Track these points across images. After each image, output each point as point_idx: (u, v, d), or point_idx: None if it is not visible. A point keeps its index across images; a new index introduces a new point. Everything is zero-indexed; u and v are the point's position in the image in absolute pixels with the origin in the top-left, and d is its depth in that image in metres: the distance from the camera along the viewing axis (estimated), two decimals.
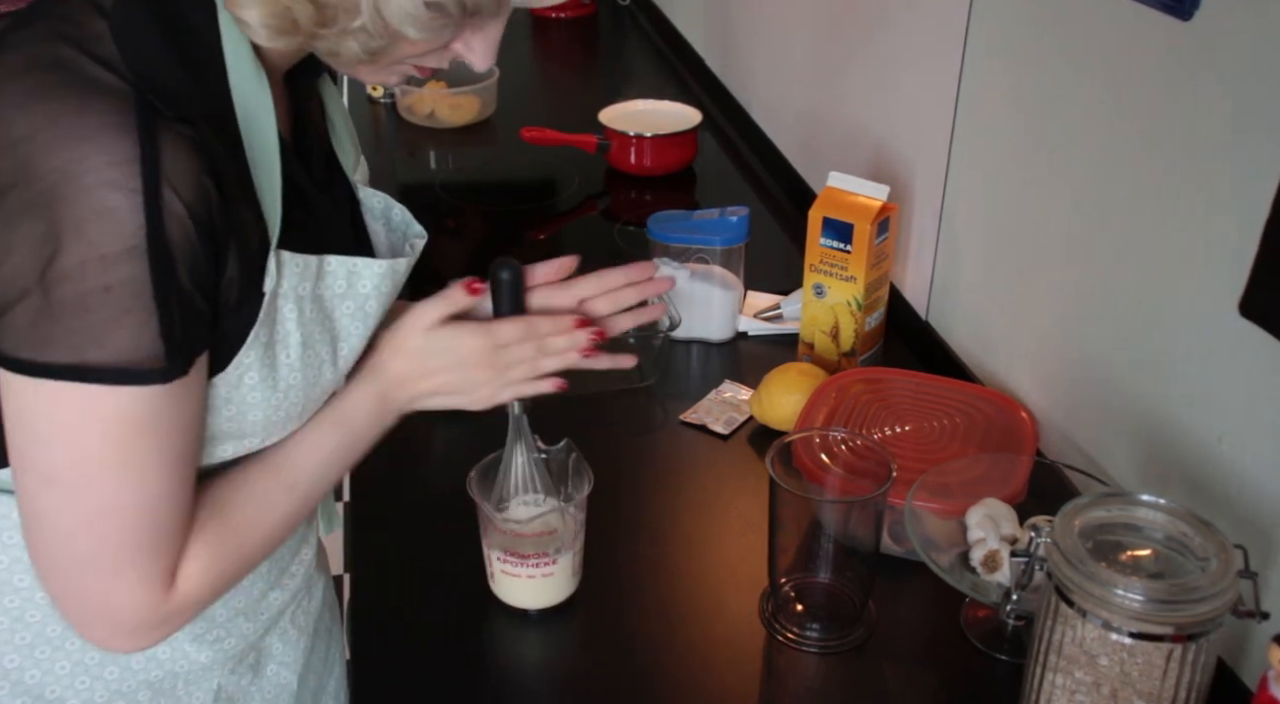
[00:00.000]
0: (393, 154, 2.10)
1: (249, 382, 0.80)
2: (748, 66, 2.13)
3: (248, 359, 0.78)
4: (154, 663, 0.91)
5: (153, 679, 0.91)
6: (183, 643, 0.91)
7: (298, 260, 0.79)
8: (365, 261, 0.85)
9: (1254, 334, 0.90)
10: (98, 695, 0.89)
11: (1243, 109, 0.89)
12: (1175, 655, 0.78)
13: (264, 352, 0.79)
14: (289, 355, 0.81)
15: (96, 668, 0.88)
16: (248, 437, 0.84)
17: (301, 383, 0.83)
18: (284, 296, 0.79)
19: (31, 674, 0.87)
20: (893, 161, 1.52)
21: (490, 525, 1.01)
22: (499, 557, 1.01)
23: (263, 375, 0.80)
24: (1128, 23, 1.01)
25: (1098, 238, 1.10)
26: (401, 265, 0.88)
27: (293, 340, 0.81)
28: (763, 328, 1.49)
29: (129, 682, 0.90)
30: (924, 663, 1.01)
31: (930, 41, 1.38)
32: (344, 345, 0.86)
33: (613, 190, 1.95)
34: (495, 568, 1.03)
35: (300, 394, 0.84)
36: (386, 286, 0.87)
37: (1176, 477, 1.02)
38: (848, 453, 1.06)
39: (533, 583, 1.02)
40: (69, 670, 0.88)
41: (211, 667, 0.94)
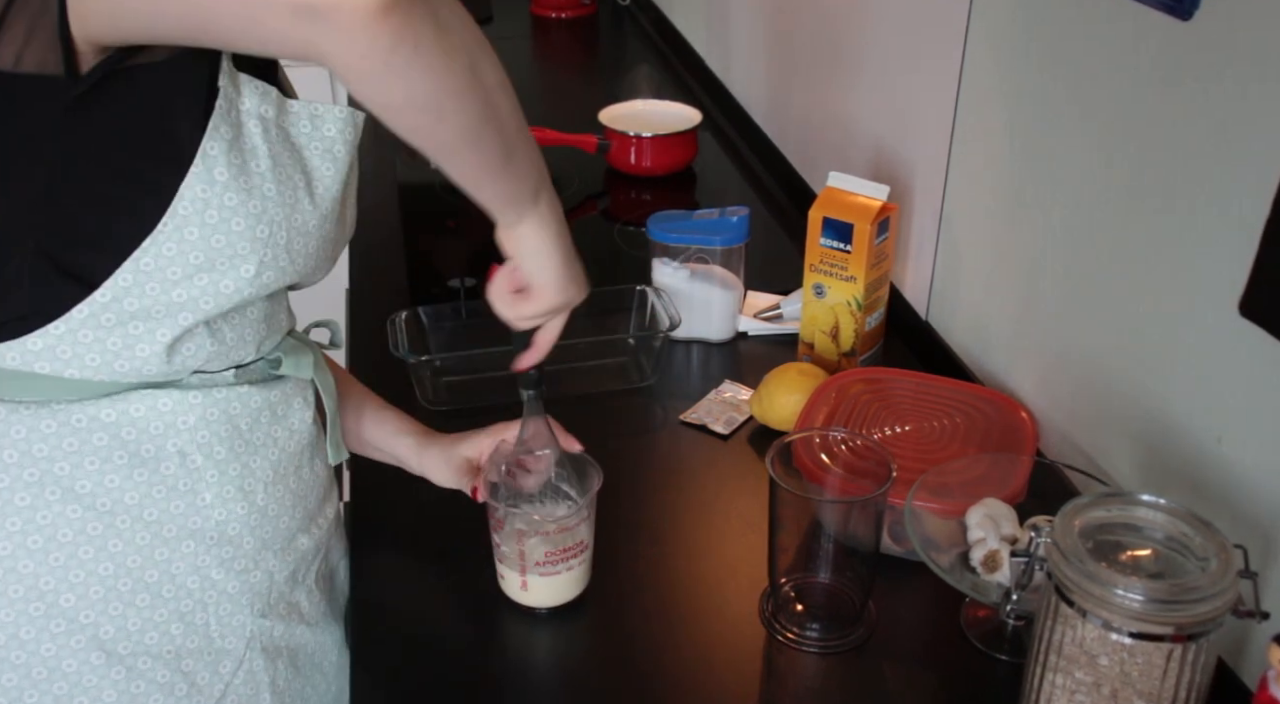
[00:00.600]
0: (393, 154, 2.10)
1: (219, 177, 0.82)
2: (748, 66, 2.13)
3: (211, 150, 0.81)
4: (183, 591, 0.92)
5: (184, 610, 0.93)
6: (209, 568, 0.92)
7: (256, 83, 0.84)
8: (326, 106, 0.89)
9: (1254, 334, 0.90)
10: (130, 623, 0.91)
11: (1242, 109, 0.89)
12: (1175, 655, 0.78)
13: (229, 149, 0.82)
14: (259, 165, 0.85)
15: (129, 594, 0.90)
16: (239, 259, 0.85)
17: (277, 196, 0.86)
18: (247, 112, 0.84)
19: (66, 597, 0.89)
20: (893, 161, 1.52)
21: (510, 525, 1.01)
22: (525, 557, 1.00)
23: (233, 174, 0.83)
24: (1128, 23, 1.01)
25: (1098, 238, 1.10)
26: (360, 118, 0.91)
27: (261, 152, 0.84)
28: (763, 328, 1.49)
29: (160, 610, 0.92)
30: (924, 663, 1.01)
31: (930, 41, 1.38)
32: (318, 183, 0.90)
33: (613, 190, 1.95)
34: (514, 569, 1.02)
35: (280, 211, 0.86)
36: (350, 135, 0.91)
37: (1176, 477, 1.02)
38: (848, 453, 1.06)
39: (558, 580, 1.02)
40: (102, 596, 0.89)
41: (239, 600, 0.95)
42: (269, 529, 0.96)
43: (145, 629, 0.92)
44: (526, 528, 1.00)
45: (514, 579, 1.03)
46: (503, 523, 1.01)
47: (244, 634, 0.96)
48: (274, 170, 0.85)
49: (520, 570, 1.01)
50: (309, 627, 1.03)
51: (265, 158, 0.85)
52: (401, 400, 1.30)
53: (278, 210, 0.86)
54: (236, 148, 0.83)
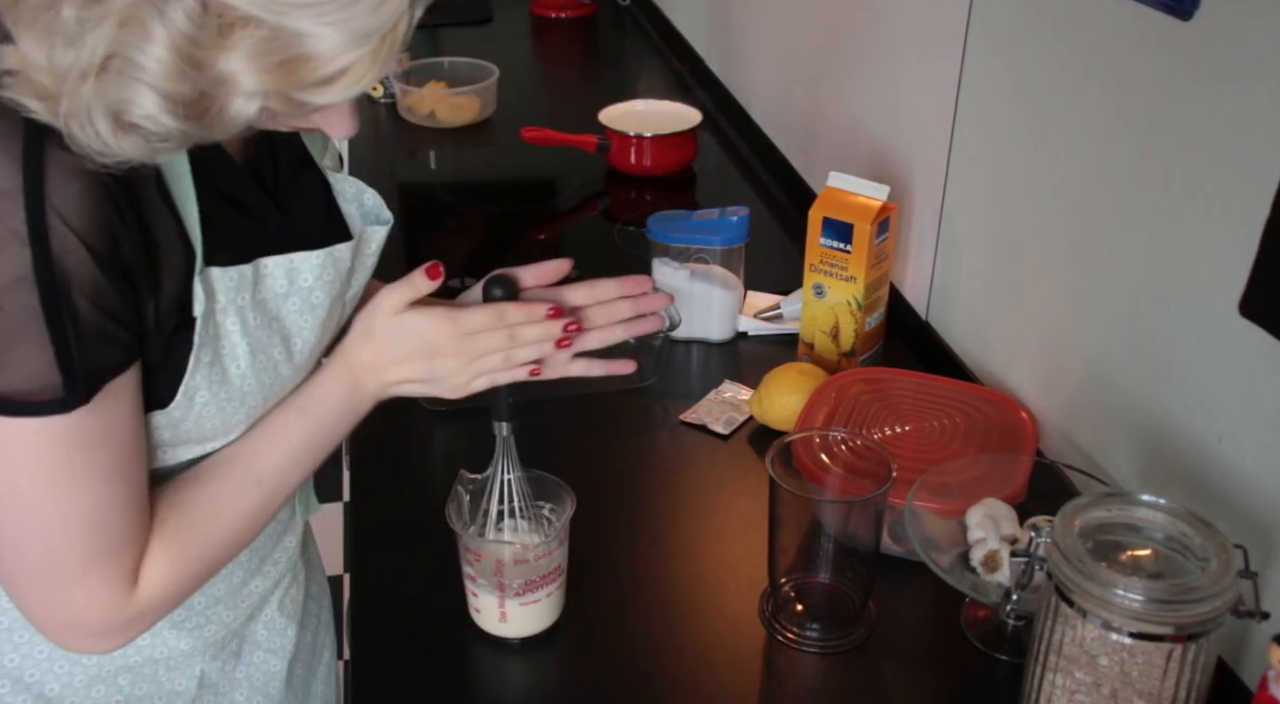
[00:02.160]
0: (393, 154, 2.10)
1: (201, 400, 0.80)
2: (748, 66, 2.13)
3: (194, 382, 0.78)
4: (133, 648, 0.91)
5: (131, 664, 0.92)
6: (162, 630, 0.92)
7: (230, 274, 0.78)
8: (302, 255, 0.83)
9: (1254, 334, 0.90)
10: (77, 680, 0.90)
11: (1243, 109, 0.89)
12: (1175, 655, 0.78)
13: (210, 370, 0.79)
14: (239, 366, 0.81)
15: (75, 654, 0.89)
16: (208, 440, 0.84)
17: (257, 387, 0.83)
18: (222, 312, 0.79)
19: (10, 658, 0.88)
20: (893, 161, 1.52)
21: (473, 554, 0.98)
22: (504, 587, 0.98)
23: (214, 392, 0.80)
24: (1128, 23, 1.01)
25: (1098, 237, 1.10)
26: (342, 251, 0.86)
27: (240, 351, 0.81)
28: (763, 328, 1.49)
29: (107, 666, 0.91)
30: (924, 663, 1.01)
31: (930, 41, 1.38)
32: (297, 340, 0.86)
33: (613, 190, 1.95)
34: (492, 598, 0.99)
35: (258, 397, 0.84)
36: (330, 275, 0.86)
37: (1176, 477, 1.02)
38: (848, 453, 1.06)
39: (537, 607, 1.00)
40: (47, 655, 0.89)
41: (192, 654, 0.95)
42: (219, 585, 0.95)
43: (92, 684, 0.91)
44: (506, 558, 0.97)
45: (492, 610, 1.00)
46: (480, 555, 0.98)
47: (194, 674, 0.96)
48: (254, 364, 0.82)
49: (499, 601, 0.99)
50: (271, 654, 1.03)
51: (245, 356, 0.81)
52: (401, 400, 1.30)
53: (255, 397, 0.84)
54: (217, 362, 0.79)
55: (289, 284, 0.83)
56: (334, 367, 0.90)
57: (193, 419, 0.81)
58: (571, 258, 1.00)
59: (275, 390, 0.86)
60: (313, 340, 0.87)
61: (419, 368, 0.92)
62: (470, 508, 1.00)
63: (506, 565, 0.97)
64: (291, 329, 0.85)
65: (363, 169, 2.04)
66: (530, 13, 2.91)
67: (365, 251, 0.90)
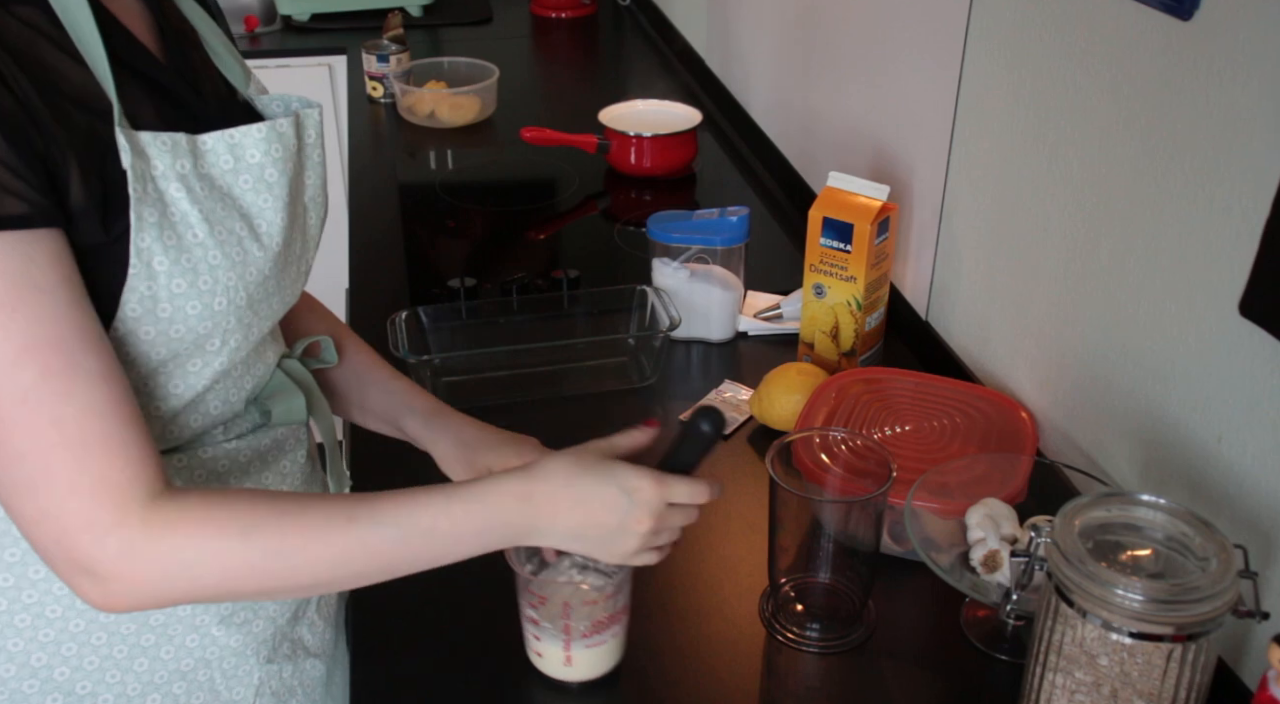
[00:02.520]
0: (393, 154, 2.10)
1: (160, 268, 0.78)
2: (748, 66, 2.13)
3: (143, 243, 0.76)
4: (183, 650, 0.90)
5: (185, 669, 0.91)
6: (209, 626, 0.91)
7: (162, 139, 0.77)
8: (243, 129, 0.82)
9: (1254, 334, 0.90)
10: (130, 689, 0.89)
11: (1243, 109, 0.89)
12: (1175, 655, 0.78)
13: (160, 233, 0.77)
14: (196, 234, 0.79)
15: (125, 660, 0.88)
16: (203, 339, 0.82)
17: (225, 262, 0.81)
18: (163, 177, 0.78)
19: (60, 671, 0.87)
20: (893, 161, 1.52)
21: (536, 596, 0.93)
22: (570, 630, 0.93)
23: (173, 258, 0.78)
24: (1128, 23, 1.01)
25: (1097, 237, 1.10)
26: (284, 126, 0.85)
27: (193, 219, 0.79)
28: (763, 328, 1.49)
29: (160, 672, 0.90)
30: (924, 663, 1.01)
31: (930, 41, 1.38)
32: (260, 220, 0.84)
33: (613, 190, 1.95)
34: (558, 644, 0.94)
35: (232, 274, 0.82)
36: (278, 151, 0.84)
37: (1176, 477, 1.02)
38: (848, 453, 1.06)
39: (602, 650, 0.96)
40: (97, 665, 0.88)
41: (244, 653, 0.93)
42: None
43: (146, 692, 0.90)
44: (572, 600, 0.93)
45: (557, 655, 0.95)
46: (545, 599, 0.93)
47: (251, 682, 0.95)
48: (213, 234, 0.80)
49: (564, 645, 0.94)
50: (316, 658, 1.02)
51: (200, 224, 0.79)
52: None
53: (229, 275, 0.81)
54: (168, 225, 0.78)
55: (235, 161, 0.82)
56: (514, 473, 0.85)
57: (165, 300, 0.79)
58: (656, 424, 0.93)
59: (251, 272, 0.83)
60: (279, 222, 0.85)
61: (601, 519, 0.84)
62: (527, 547, 0.94)
63: (574, 608, 0.93)
64: (251, 209, 0.84)
65: (363, 169, 2.04)
66: (530, 13, 2.92)
67: (305, 134, 0.89)
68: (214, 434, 0.90)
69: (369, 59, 2.29)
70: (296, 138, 0.87)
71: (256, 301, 0.85)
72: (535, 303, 1.47)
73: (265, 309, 0.87)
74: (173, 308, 0.79)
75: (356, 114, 2.31)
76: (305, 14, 2.80)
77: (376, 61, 2.28)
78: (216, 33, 0.93)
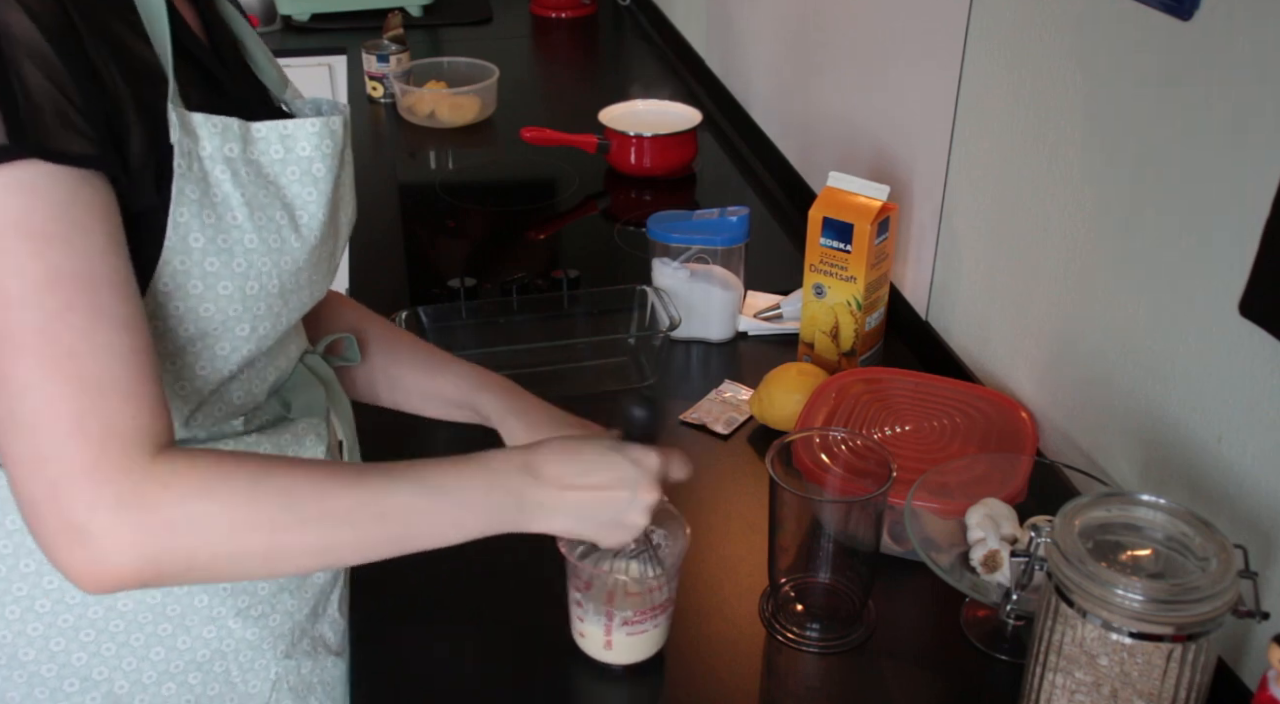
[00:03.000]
0: (393, 154, 2.10)
1: (195, 244, 0.79)
2: (748, 66, 2.13)
3: (181, 217, 0.77)
4: (199, 641, 0.90)
5: (200, 660, 0.91)
6: (226, 618, 0.91)
7: (214, 121, 0.79)
8: (297, 122, 0.84)
9: (1254, 334, 0.90)
10: (145, 676, 0.89)
11: (1243, 109, 0.89)
12: (1175, 655, 0.78)
13: (200, 210, 0.78)
14: (235, 217, 0.80)
15: (142, 649, 0.89)
16: (232, 322, 0.83)
17: (261, 247, 0.82)
18: (210, 159, 0.79)
19: (78, 656, 0.87)
20: (893, 161, 1.52)
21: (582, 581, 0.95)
22: (612, 616, 0.95)
23: (209, 236, 0.79)
24: (1128, 23, 1.01)
25: (1098, 237, 1.10)
26: (336, 124, 0.87)
27: (234, 201, 0.80)
28: (763, 328, 1.49)
29: (175, 662, 0.90)
30: (924, 663, 1.01)
31: (930, 41, 1.38)
32: (302, 212, 0.85)
33: (613, 190, 1.95)
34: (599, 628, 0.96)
35: (266, 260, 0.83)
36: (328, 147, 0.86)
37: (1176, 477, 1.02)
38: (848, 453, 1.06)
39: (643, 638, 0.97)
40: (114, 652, 0.88)
41: (260, 646, 0.93)
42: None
43: (161, 681, 0.90)
44: (616, 590, 0.95)
45: (598, 638, 0.97)
46: (590, 584, 0.95)
47: (268, 676, 0.94)
48: (252, 218, 0.81)
49: (606, 630, 0.96)
50: (337, 656, 1.01)
51: (241, 207, 0.81)
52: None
53: (264, 260, 0.82)
54: (208, 204, 0.79)
55: (285, 151, 0.84)
56: (516, 449, 0.86)
57: (198, 277, 0.79)
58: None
59: (286, 260, 0.84)
60: (320, 216, 0.87)
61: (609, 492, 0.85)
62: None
63: (618, 596, 0.94)
64: (294, 200, 0.85)
65: (363, 169, 2.04)
66: (530, 13, 2.92)
67: (347, 135, 0.91)
68: (233, 424, 0.91)
69: (369, 59, 2.29)
70: (343, 138, 0.89)
71: (288, 291, 0.86)
72: (535, 303, 1.47)
73: (295, 300, 0.88)
74: (204, 286, 0.80)
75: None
76: (305, 14, 2.80)
77: (376, 61, 2.28)
78: (254, 37, 0.95)
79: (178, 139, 0.77)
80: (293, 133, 0.84)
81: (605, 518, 0.86)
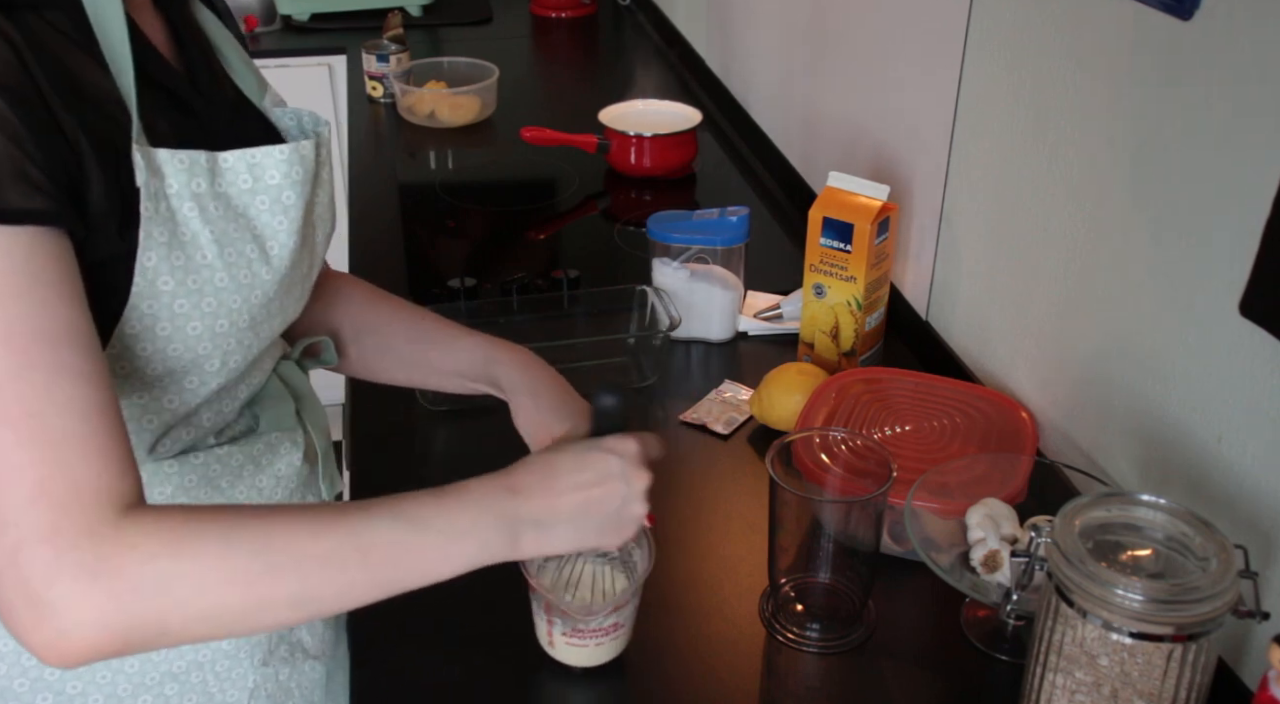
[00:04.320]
0: (393, 154, 2.10)
1: (165, 287, 0.77)
2: (748, 66, 2.13)
3: (149, 261, 0.76)
4: (174, 652, 0.89)
5: (176, 671, 0.90)
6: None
7: (180, 157, 0.77)
8: (265, 150, 0.81)
9: (1254, 334, 0.90)
10: (120, 689, 0.89)
11: (1243, 109, 0.89)
12: (1175, 655, 0.78)
13: (168, 252, 0.77)
14: (205, 255, 0.78)
15: (116, 661, 0.88)
16: (201, 359, 0.81)
17: (231, 284, 0.81)
18: (177, 196, 0.77)
19: (51, 670, 0.86)
20: (893, 161, 1.52)
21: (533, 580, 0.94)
22: (551, 626, 0.95)
23: (178, 279, 0.77)
24: (1128, 23, 1.01)
25: (1097, 237, 1.10)
26: (307, 149, 0.84)
27: (203, 239, 0.78)
28: (763, 328, 1.49)
29: (151, 674, 0.89)
30: (924, 663, 1.01)
31: (930, 41, 1.38)
32: (272, 242, 0.84)
33: (613, 190, 1.95)
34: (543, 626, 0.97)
35: (236, 297, 0.81)
36: (298, 174, 0.84)
37: (1176, 477, 1.02)
38: (848, 453, 1.06)
39: (584, 651, 0.97)
40: (89, 666, 0.86)
41: (237, 655, 0.93)
42: None
43: (137, 693, 0.89)
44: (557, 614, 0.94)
45: (543, 633, 0.98)
46: (535, 587, 0.94)
47: (246, 685, 0.94)
48: (222, 256, 0.79)
49: (547, 633, 0.97)
50: (315, 660, 1.01)
51: (210, 245, 0.79)
52: (401, 399, 1.30)
53: (234, 298, 0.81)
54: (176, 245, 0.77)
55: (253, 181, 0.81)
56: (496, 473, 0.82)
57: (166, 319, 0.78)
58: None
59: (256, 295, 0.83)
60: (291, 244, 0.85)
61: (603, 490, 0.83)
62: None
63: (555, 611, 0.94)
64: (264, 230, 0.83)
65: (363, 169, 2.04)
66: (530, 13, 2.92)
67: (323, 155, 0.88)
68: (205, 440, 0.90)
69: (369, 59, 2.29)
70: (315, 160, 0.87)
71: (259, 322, 0.85)
72: (535, 303, 1.47)
73: (266, 329, 0.87)
74: (173, 327, 0.79)
75: (356, 114, 2.31)
76: (305, 14, 2.80)
77: (376, 61, 2.28)
78: (231, 43, 0.93)
79: (144, 181, 0.75)
80: (260, 161, 0.82)
81: (605, 515, 0.83)
